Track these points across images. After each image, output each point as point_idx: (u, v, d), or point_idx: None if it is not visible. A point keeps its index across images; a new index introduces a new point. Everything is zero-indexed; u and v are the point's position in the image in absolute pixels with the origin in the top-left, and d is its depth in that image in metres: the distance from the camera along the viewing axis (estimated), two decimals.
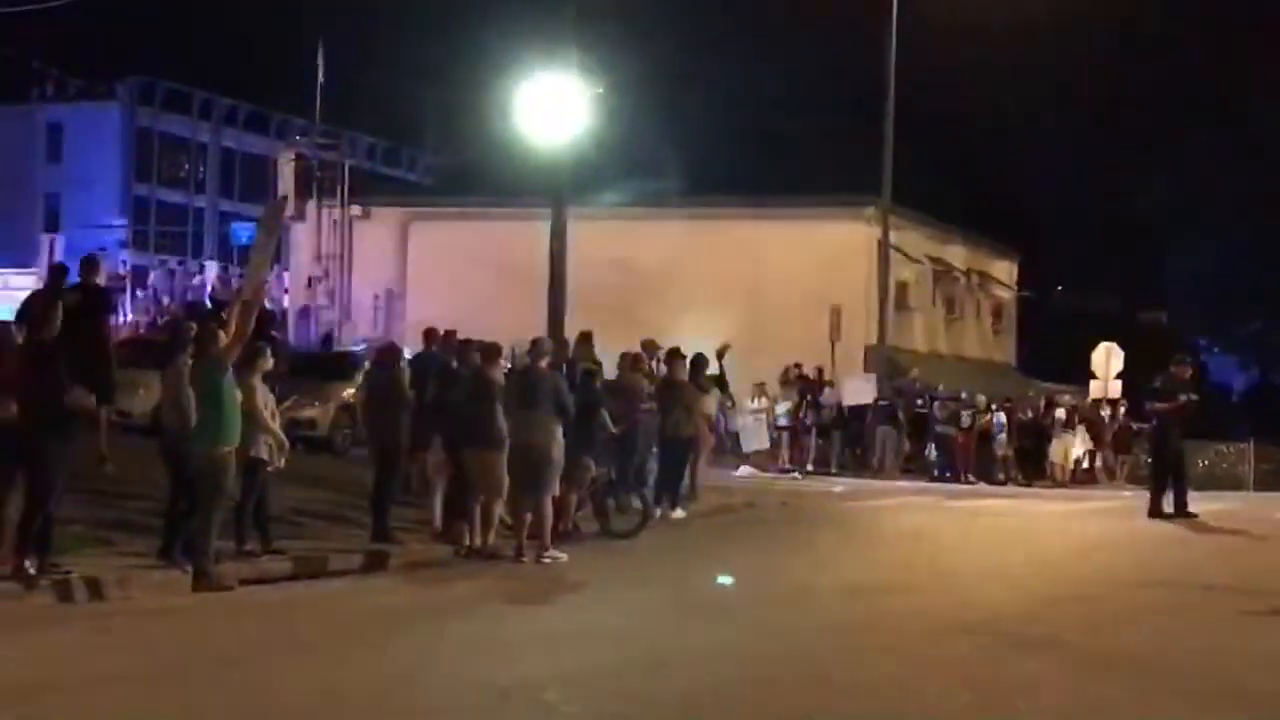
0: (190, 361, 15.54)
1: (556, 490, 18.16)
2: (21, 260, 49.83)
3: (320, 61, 51.42)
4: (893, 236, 43.41)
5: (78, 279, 19.99)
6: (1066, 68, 69.65)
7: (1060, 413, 39.40)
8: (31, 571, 13.74)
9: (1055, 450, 38.47)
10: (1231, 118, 73.22)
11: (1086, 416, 39.89)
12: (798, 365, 39.53)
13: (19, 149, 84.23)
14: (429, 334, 22.27)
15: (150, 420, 18.76)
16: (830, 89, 55.98)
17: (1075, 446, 38.72)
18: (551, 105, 25.27)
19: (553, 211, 25.32)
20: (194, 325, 16.81)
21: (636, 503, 20.75)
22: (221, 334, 15.33)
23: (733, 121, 51.38)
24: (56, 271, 21.20)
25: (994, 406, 38.80)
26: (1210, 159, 70.91)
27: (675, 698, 10.01)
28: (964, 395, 39.14)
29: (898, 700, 10.07)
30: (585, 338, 23.08)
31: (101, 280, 20.99)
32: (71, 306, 15.88)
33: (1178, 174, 73.85)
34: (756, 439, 36.96)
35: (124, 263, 52.85)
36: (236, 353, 15.25)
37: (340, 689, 10.14)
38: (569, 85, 25.25)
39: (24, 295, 23.04)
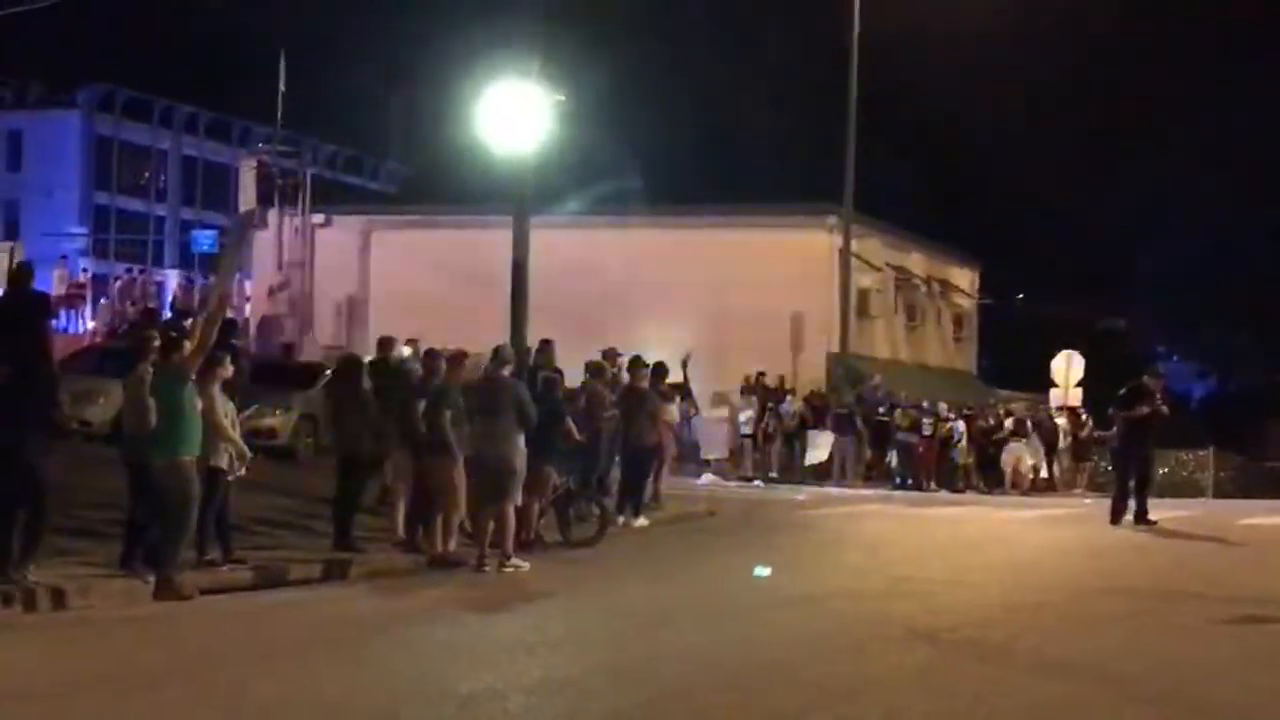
0: (151, 370, 15.50)
1: (519, 499, 18.16)
2: None
3: (282, 69, 51.24)
4: (855, 244, 43.53)
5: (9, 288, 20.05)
6: (1028, 75, 69.96)
7: (1009, 422, 39.48)
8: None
9: (1007, 459, 38.57)
10: (1192, 126, 73.62)
11: (1040, 424, 40.00)
12: (760, 373, 39.60)
13: None
14: (383, 343, 22.34)
15: (110, 428, 18.68)
16: (793, 96, 56.07)
17: (1029, 454, 38.81)
18: (513, 113, 25.24)
19: (515, 219, 25.30)
20: (156, 334, 16.76)
21: (595, 511, 20.79)
22: (186, 343, 15.30)
23: (695, 129, 51.44)
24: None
25: (952, 415, 38.90)
26: (1169, 167, 71.29)
27: (639, 706, 10.02)
28: (925, 404, 39.24)
29: (861, 705, 10.10)
30: (546, 345, 23.09)
31: (61, 288, 21.05)
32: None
33: (1137, 183, 74.28)
34: (716, 446, 36.99)
35: (85, 270, 52.54)
36: (199, 362, 15.21)
37: (302, 697, 10.12)
38: (531, 93, 25.23)
39: None
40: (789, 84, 58.11)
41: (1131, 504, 24.19)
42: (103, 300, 44.93)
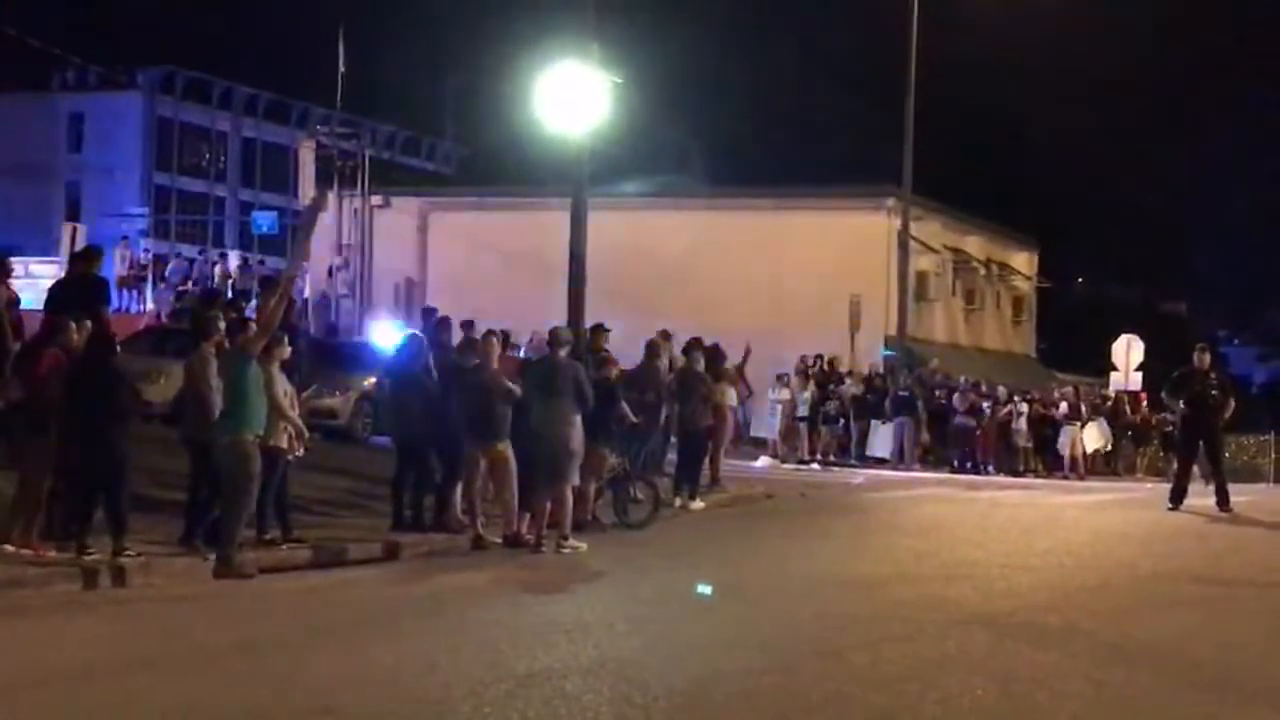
0: (214, 350, 15.64)
1: (576, 480, 18.20)
2: (43, 249, 49.92)
3: (341, 51, 51.41)
4: (913, 227, 43.37)
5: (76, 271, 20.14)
6: (1089, 58, 69.51)
7: (1064, 405, 39.25)
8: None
9: (1064, 442, 38.36)
10: (1255, 107, 72.96)
11: (1097, 407, 39.75)
12: (817, 356, 39.51)
13: (41, 138, 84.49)
14: (428, 315, 22.26)
15: (171, 408, 18.81)
16: (851, 79, 55.93)
17: (1088, 438, 38.58)
18: (571, 95, 25.24)
19: (572, 201, 25.30)
20: (219, 314, 16.90)
21: (649, 492, 20.77)
22: (250, 324, 15.43)
23: (753, 112, 51.39)
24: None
25: (1014, 397, 38.72)
26: (1232, 150, 70.71)
27: (693, 686, 10.03)
28: (984, 386, 39.08)
29: (916, 691, 10.08)
30: (599, 329, 23.09)
31: (123, 269, 21.22)
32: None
33: (1199, 165, 73.70)
34: (765, 425, 36.92)
35: (146, 251, 52.89)
36: (263, 343, 15.33)
37: (360, 676, 10.18)
38: (589, 75, 25.22)
39: (47, 284, 23.15)
40: (848, 66, 57.97)
41: (1200, 487, 24.00)
42: (161, 283, 45.20)
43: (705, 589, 12.67)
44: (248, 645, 11.35)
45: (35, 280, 32.34)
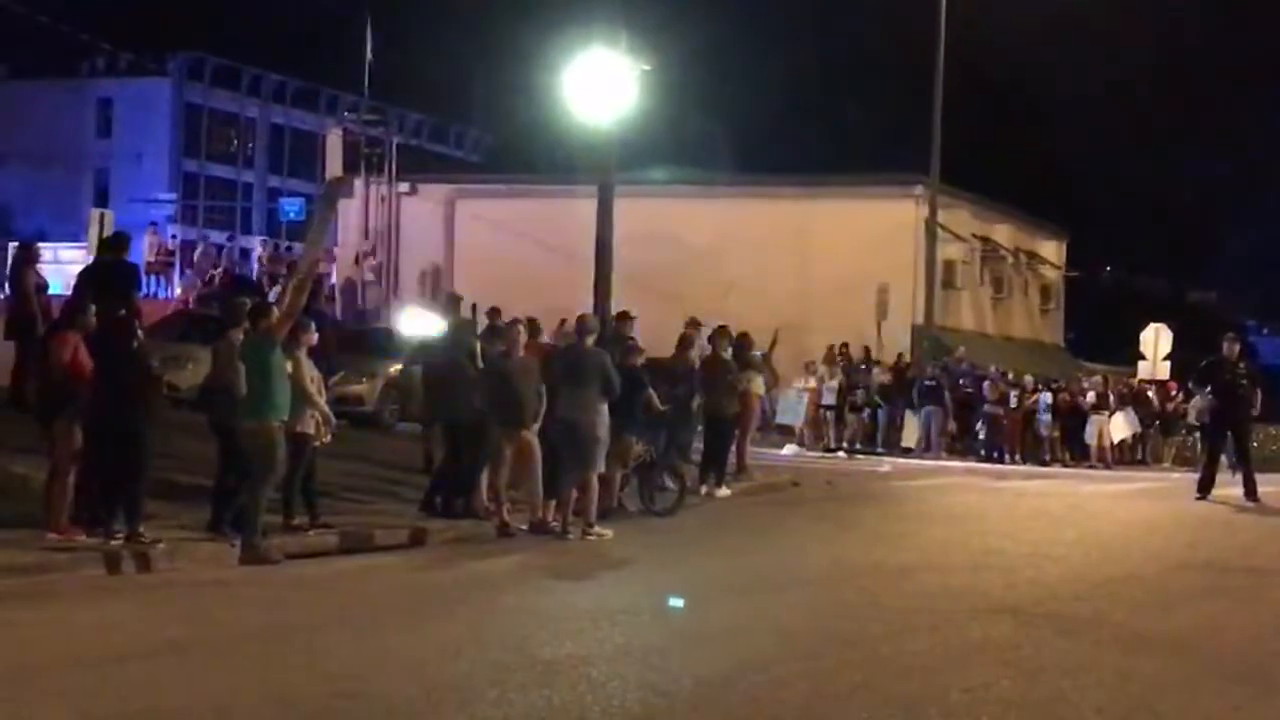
0: (241, 335, 15.67)
1: (602, 467, 18.21)
2: (72, 234, 50.12)
3: (369, 37, 51.50)
4: (941, 215, 43.25)
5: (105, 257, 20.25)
6: (1116, 46, 69.16)
7: (1091, 395, 39.10)
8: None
9: (1090, 431, 38.22)
10: None
11: (1124, 396, 39.61)
12: (844, 344, 39.44)
13: (70, 124, 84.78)
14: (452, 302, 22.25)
15: (199, 393, 18.86)
16: (880, 67, 55.79)
17: (1115, 427, 38.43)
18: (599, 82, 25.24)
19: (599, 189, 25.30)
20: (246, 300, 16.93)
21: (675, 480, 20.75)
22: (274, 309, 15.46)
23: (781, 99, 51.30)
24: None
25: (1039, 387, 38.62)
26: (1259, 138, 70.33)
27: (719, 675, 10.03)
28: (1010, 375, 38.97)
29: (942, 681, 10.06)
30: (624, 316, 23.07)
31: (151, 255, 21.36)
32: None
33: (1228, 153, 73.33)
34: (791, 413, 36.88)
35: (174, 237, 53.02)
36: (287, 328, 15.36)
37: (385, 660, 10.20)
38: (617, 62, 25.21)
39: (75, 269, 23.28)
40: (876, 54, 57.82)
41: (1227, 477, 23.96)
42: (187, 269, 45.29)
43: (677, 601, 12.58)
44: (272, 630, 11.39)
45: (63, 266, 32.45)
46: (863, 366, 38.70)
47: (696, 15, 50.96)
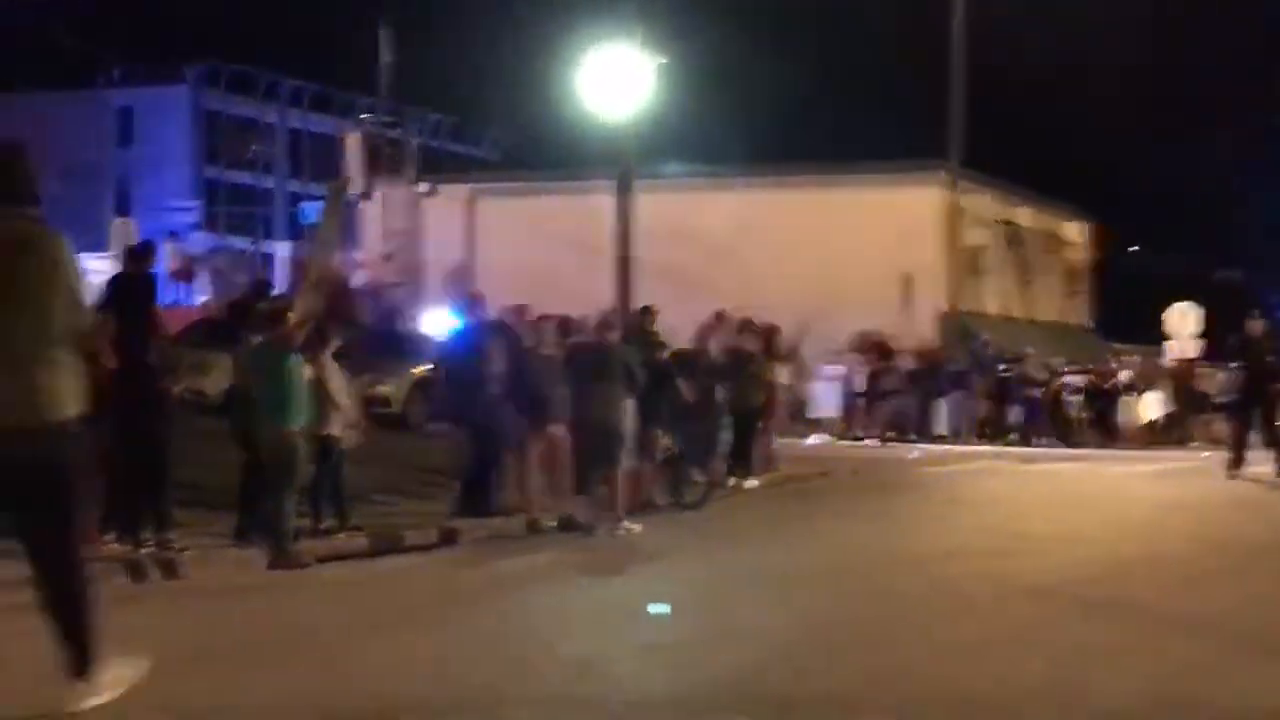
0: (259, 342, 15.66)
1: (630, 462, 18.20)
2: (94, 243, 50.22)
3: (382, 39, 51.48)
4: (964, 200, 43.19)
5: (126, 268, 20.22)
6: (1137, 22, 68.82)
7: (1124, 375, 38.96)
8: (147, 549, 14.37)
9: (1122, 412, 38.09)
10: None
11: (1151, 376, 39.47)
12: (870, 332, 39.36)
13: (90, 133, 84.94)
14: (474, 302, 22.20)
15: (223, 400, 18.87)
16: (898, 51, 55.65)
17: (1144, 408, 38.29)
18: (616, 78, 25.23)
19: (619, 184, 25.29)
20: (267, 307, 16.93)
21: (699, 475, 20.73)
22: (289, 315, 15.42)
23: (801, 88, 51.21)
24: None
25: (1065, 369, 38.51)
26: None
27: (749, 667, 9.99)
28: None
29: (971, 667, 10.02)
30: (647, 311, 23.03)
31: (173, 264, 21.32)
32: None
33: (1252, 128, 72.90)
34: (825, 405, 36.82)
35: (196, 245, 53.22)
36: (304, 333, 15.33)
37: (418, 661, 10.18)
38: (633, 57, 25.19)
39: (100, 279, 23.26)
40: (896, 40, 57.66)
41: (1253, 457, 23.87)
42: (209, 275, 45.40)
43: (661, 608, 12.50)
44: (300, 633, 11.37)
45: (89, 276, 32.47)
46: (890, 354, 38.63)
47: (712, 7, 50.92)
